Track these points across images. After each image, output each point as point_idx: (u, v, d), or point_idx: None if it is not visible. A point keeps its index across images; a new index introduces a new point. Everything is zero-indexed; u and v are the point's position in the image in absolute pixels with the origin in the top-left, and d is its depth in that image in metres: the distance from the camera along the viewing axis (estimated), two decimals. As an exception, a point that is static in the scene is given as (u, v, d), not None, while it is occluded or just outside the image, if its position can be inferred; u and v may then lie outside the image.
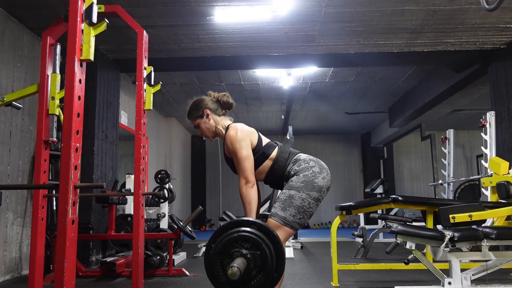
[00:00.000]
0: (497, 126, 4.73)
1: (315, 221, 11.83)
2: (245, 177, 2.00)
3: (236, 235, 1.68)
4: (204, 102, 2.20)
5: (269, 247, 1.67)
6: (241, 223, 1.74)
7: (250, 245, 1.67)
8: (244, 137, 2.06)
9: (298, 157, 2.11)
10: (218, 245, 1.69)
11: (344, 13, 4.13)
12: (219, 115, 2.21)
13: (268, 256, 1.66)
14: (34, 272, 1.74)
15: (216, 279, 1.71)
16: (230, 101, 2.24)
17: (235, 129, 2.09)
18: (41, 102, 1.79)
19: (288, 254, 5.11)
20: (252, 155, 2.05)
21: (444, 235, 2.51)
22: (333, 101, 8.29)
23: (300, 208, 1.97)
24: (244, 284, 1.68)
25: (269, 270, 1.66)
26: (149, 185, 6.22)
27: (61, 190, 1.23)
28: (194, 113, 2.21)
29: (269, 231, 1.71)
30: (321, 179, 2.02)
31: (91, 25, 1.34)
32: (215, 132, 2.22)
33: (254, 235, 1.68)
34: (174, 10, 4.00)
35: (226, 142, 2.11)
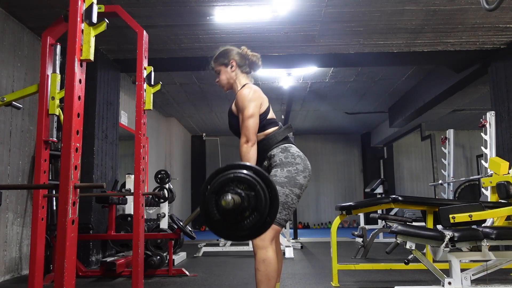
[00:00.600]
0: (497, 126, 4.73)
1: (315, 221, 11.83)
2: (246, 135, 2.01)
3: (232, 175, 1.69)
4: (234, 52, 2.23)
5: (263, 190, 1.69)
6: (237, 166, 1.76)
7: (245, 186, 1.69)
8: (256, 98, 2.08)
9: (289, 147, 2.09)
10: (214, 184, 1.71)
11: (344, 13, 4.13)
12: (242, 71, 2.23)
13: (262, 198, 1.67)
14: (34, 272, 1.73)
15: (210, 218, 1.71)
16: (259, 63, 2.27)
17: (250, 88, 2.12)
18: (41, 102, 1.79)
19: (288, 254, 5.11)
20: (258, 116, 2.06)
21: (444, 235, 2.51)
22: (333, 101, 8.29)
23: (285, 204, 1.98)
24: (237, 223, 1.69)
25: (262, 211, 1.68)
26: (149, 185, 6.22)
27: (61, 190, 1.23)
28: (220, 59, 2.23)
29: (265, 176, 1.73)
30: (303, 178, 2.04)
31: (91, 25, 1.34)
32: (231, 85, 2.23)
33: (249, 177, 1.69)
34: (174, 10, 4.00)
35: (237, 98, 2.12)
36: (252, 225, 1.69)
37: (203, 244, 5.52)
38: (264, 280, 1.89)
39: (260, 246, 1.93)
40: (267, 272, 1.89)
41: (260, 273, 1.90)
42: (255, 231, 1.73)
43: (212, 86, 7.02)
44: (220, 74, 2.24)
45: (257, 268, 1.91)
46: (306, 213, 11.76)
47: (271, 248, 1.93)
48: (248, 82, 2.22)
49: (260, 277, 1.90)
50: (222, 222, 1.70)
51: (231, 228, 1.72)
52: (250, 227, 1.69)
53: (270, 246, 1.93)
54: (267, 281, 1.89)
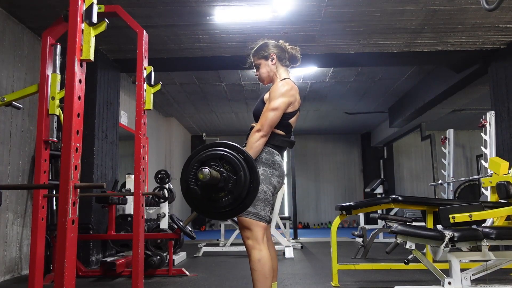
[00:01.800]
0: (497, 126, 4.73)
1: (315, 221, 11.83)
2: (262, 124, 1.98)
3: (222, 153, 1.70)
4: (273, 45, 2.21)
5: (246, 177, 1.69)
6: (231, 147, 1.76)
7: (230, 168, 1.69)
8: (290, 96, 2.05)
9: (275, 155, 2.06)
10: (202, 155, 1.71)
11: (344, 13, 4.13)
12: (282, 64, 2.21)
13: (242, 184, 1.68)
14: (34, 272, 1.73)
15: (186, 185, 1.73)
16: (298, 56, 2.24)
17: (289, 84, 2.09)
18: (41, 102, 1.79)
19: (288, 254, 5.11)
20: (282, 112, 2.02)
21: (444, 235, 2.51)
22: (333, 101, 8.29)
23: (266, 201, 1.98)
24: (211, 200, 1.71)
25: (238, 196, 1.68)
26: (149, 185, 6.22)
27: (61, 190, 1.23)
28: (260, 52, 2.20)
29: (253, 165, 1.74)
30: (276, 181, 2.04)
31: (91, 25, 1.34)
32: (271, 78, 2.21)
33: (237, 160, 1.69)
34: (174, 10, 4.00)
35: (273, 87, 2.09)
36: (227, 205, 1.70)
37: (203, 244, 5.52)
38: (261, 279, 1.89)
39: (253, 246, 1.93)
40: (263, 271, 1.89)
41: (256, 273, 1.90)
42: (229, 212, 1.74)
43: (212, 86, 7.02)
44: (260, 68, 2.21)
45: (253, 268, 1.91)
46: (306, 213, 11.76)
47: (264, 247, 1.93)
48: (288, 77, 2.18)
49: (256, 276, 1.90)
50: (198, 194, 1.71)
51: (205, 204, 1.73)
52: (224, 206, 1.70)
53: (262, 245, 1.93)
54: (264, 280, 1.89)
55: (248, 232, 1.95)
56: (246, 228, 1.96)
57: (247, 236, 1.96)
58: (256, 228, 1.94)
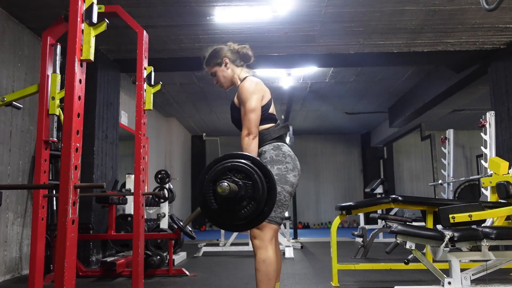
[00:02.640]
0: (497, 126, 4.73)
1: (315, 221, 11.83)
2: (248, 128, 2.00)
3: (230, 164, 1.70)
4: (223, 50, 2.21)
5: (261, 179, 1.69)
6: (235, 156, 1.75)
7: (243, 175, 1.69)
8: (258, 91, 2.07)
9: (281, 146, 2.08)
10: (212, 173, 1.71)
11: (344, 13, 4.13)
12: (237, 65, 2.21)
13: (259, 187, 1.67)
14: (34, 272, 1.73)
15: (207, 206, 1.71)
16: (250, 53, 2.24)
17: (251, 81, 2.10)
18: (41, 102, 1.79)
19: (288, 254, 5.11)
20: (260, 109, 2.05)
21: (444, 235, 2.51)
22: (333, 101, 8.29)
23: (278, 202, 1.97)
24: (233, 212, 1.69)
25: (259, 200, 1.67)
26: (149, 185, 6.22)
27: (61, 190, 1.23)
28: (213, 60, 2.20)
29: (263, 165, 1.73)
30: (293, 176, 2.03)
31: (91, 25, 1.34)
32: (231, 81, 2.22)
33: (247, 165, 1.69)
34: (174, 10, 4.00)
35: (239, 90, 2.10)
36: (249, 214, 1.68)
37: (203, 244, 5.52)
38: (264, 279, 1.89)
39: (259, 246, 1.93)
40: (268, 272, 1.89)
41: (260, 273, 1.90)
42: (252, 221, 1.72)
43: (212, 86, 7.02)
44: (217, 75, 2.22)
45: (257, 268, 1.91)
46: (306, 213, 11.76)
47: (271, 247, 1.93)
48: (247, 75, 2.20)
49: (260, 277, 1.90)
50: (219, 211, 1.70)
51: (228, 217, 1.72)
52: (247, 216, 1.68)
53: (269, 245, 1.93)
54: (267, 281, 1.89)
55: (257, 231, 1.95)
56: (258, 229, 1.96)
57: (255, 236, 1.96)
58: (265, 229, 1.94)
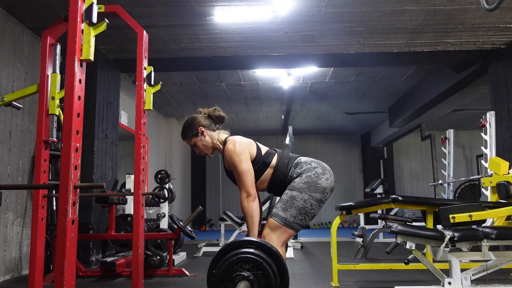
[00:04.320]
0: (497, 126, 4.73)
1: (315, 221, 11.82)
2: (246, 191, 2.00)
3: (235, 258, 1.65)
4: (196, 120, 2.20)
5: (270, 265, 1.65)
6: (239, 245, 1.72)
7: (251, 265, 1.65)
8: (243, 150, 2.05)
9: (298, 160, 2.10)
10: (219, 271, 1.66)
11: (344, 13, 4.13)
12: (213, 130, 2.21)
13: (270, 274, 1.63)
14: (34, 272, 1.73)
15: None
16: (222, 114, 2.24)
17: (233, 142, 2.08)
18: (41, 102, 1.79)
19: (288, 254, 5.11)
20: (252, 168, 2.04)
21: (444, 235, 2.51)
22: (333, 101, 8.29)
23: (302, 209, 1.96)
24: None
25: (273, 286, 1.64)
26: (149, 185, 6.22)
27: (61, 190, 1.23)
28: (188, 133, 2.20)
29: (268, 248, 1.69)
30: (325, 180, 2.01)
31: (91, 25, 1.34)
32: (213, 148, 2.21)
33: (253, 255, 1.65)
34: (174, 10, 4.00)
35: (225, 156, 2.09)
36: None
37: (203, 244, 5.52)
38: None
39: None
40: None
41: None
42: None
43: (212, 86, 7.02)
44: (197, 146, 2.21)
45: None
46: (306, 213, 11.74)
47: (281, 251, 1.93)
48: (225, 135, 2.20)
49: None
50: None
51: None
52: None
53: (280, 249, 1.93)
54: None
55: (267, 230, 1.96)
56: (268, 227, 1.96)
57: (263, 235, 1.97)
58: (277, 231, 1.94)
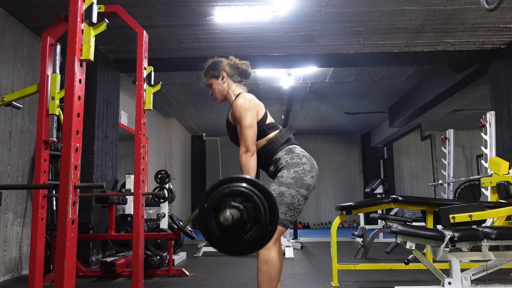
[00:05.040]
0: (497, 126, 4.73)
1: (315, 221, 11.83)
2: (246, 145, 2.00)
3: (227, 190, 1.69)
4: (222, 64, 2.20)
5: (261, 200, 1.68)
6: (231, 180, 1.75)
7: (242, 198, 1.68)
8: (252, 107, 2.07)
9: (293, 148, 2.08)
10: (211, 202, 1.70)
11: (344, 13, 4.13)
12: (234, 81, 2.21)
13: (261, 208, 1.66)
14: (34, 272, 1.73)
15: (211, 235, 1.70)
16: (248, 71, 2.24)
17: (244, 97, 2.10)
18: (41, 102, 1.79)
19: (288, 254, 5.11)
20: (256, 125, 2.05)
21: (444, 235, 2.51)
22: (333, 101, 8.29)
23: (291, 205, 1.97)
24: (238, 237, 1.68)
25: (263, 221, 1.66)
26: (149, 185, 6.22)
27: (61, 190, 1.23)
28: (210, 72, 2.21)
29: (260, 185, 1.72)
30: (310, 178, 2.02)
31: (91, 25, 1.33)
32: (225, 96, 2.22)
33: (245, 188, 1.69)
34: (174, 10, 4.00)
35: (232, 108, 2.10)
36: (254, 237, 1.67)
37: (203, 244, 5.52)
38: (266, 280, 1.89)
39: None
40: (270, 273, 1.89)
41: (262, 274, 1.90)
42: (258, 243, 1.70)
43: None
44: (212, 87, 2.22)
45: (260, 268, 1.91)
46: (306, 213, 11.76)
47: (274, 248, 1.93)
48: (241, 91, 2.20)
49: (262, 277, 1.90)
50: (223, 238, 1.68)
51: (233, 243, 1.70)
52: (252, 240, 1.67)
53: (273, 246, 1.93)
54: (269, 282, 1.89)
55: None
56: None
57: None
58: None
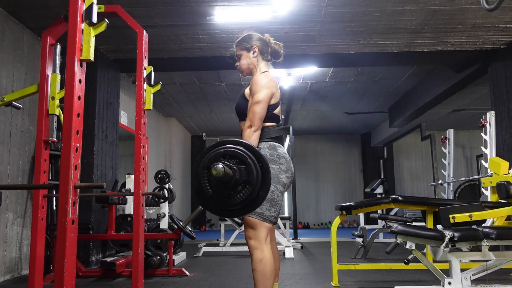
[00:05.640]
0: (497, 126, 4.73)
1: (315, 221, 11.83)
2: (252, 119, 1.99)
3: (223, 150, 1.72)
4: (256, 38, 2.21)
5: (254, 163, 1.70)
6: (228, 142, 1.77)
7: (236, 160, 1.70)
8: (270, 87, 2.07)
9: (277, 147, 2.07)
10: (205, 160, 1.72)
11: (344, 13, 4.13)
12: (263, 58, 2.21)
13: (253, 170, 1.68)
14: (34, 272, 1.73)
15: (202, 193, 1.72)
16: (280, 52, 2.24)
17: (268, 76, 2.10)
18: (41, 102, 1.79)
19: (288, 254, 5.11)
20: (267, 104, 2.04)
21: (444, 235, 2.51)
22: (333, 101, 8.29)
23: (272, 201, 1.98)
24: (229, 197, 1.69)
25: (254, 183, 1.68)
26: (149, 185, 6.22)
27: (61, 190, 1.23)
28: (243, 44, 2.21)
29: (255, 150, 1.74)
30: (285, 177, 2.03)
31: (91, 25, 1.33)
32: (251, 71, 2.22)
33: (240, 151, 1.71)
34: (174, 10, 4.00)
35: (252, 81, 2.10)
36: (245, 199, 1.69)
37: (203, 244, 5.52)
38: (262, 279, 1.89)
39: (255, 247, 1.93)
40: (265, 272, 1.89)
41: (257, 273, 1.90)
42: (247, 206, 1.72)
43: (212, 86, 7.02)
44: (241, 59, 2.22)
45: (254, 268, 1.91)
46: (306, 213, 11.76)
47: (266, 247, 1.93)
48: (267, 70, 2.19)
49: (257, 277, 1.90)
50: (214, 197, 1.70)
51: (223, 203, 1.72)
52: (242, 201, 1.69)
53: (265, 245, 1.93)
54: (265, 281, 1.89)
55: (251, 232, 1.95)
56: (250, 227, 1.96)
57: (250, 236, 1.96)
58: (260, 228, 1.94)
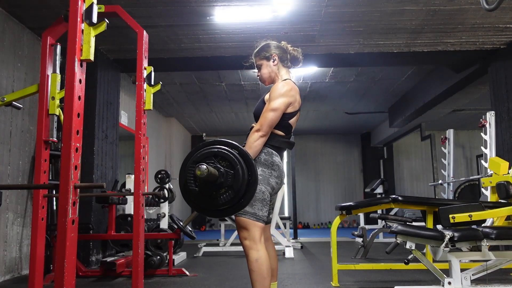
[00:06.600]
0: (497, 126, 4.73)
1: (315, 221, 11.83)
2: (262, 124, 1.98)
3: (216, 150, 1.71)
4: (274, 46, 2.21)
5: (243, 171, 1.69)
6: (224, 143, 1.76)
7: (227, 163, 1.69)
8: (290, 96, 2.05)
9: (274, 156, 2.05)
10: (197, 155, 1.71)
11: (344, 13, 4.13)
12: (284, 65, 2.22)
13: (240, 178, 1.68)
14: (34, 272, 1.73)
15: (186, 187, 1.73)
16: (299, 57, 2.26)
17: (290, 85, 2.09)
18: (41, 102, 1.79)
19: (288, 254, 5.11)
20: (281, 112, 2.02)
21: (444, 235, 2.51)
22: (333, 101, 8.29)
23: (263, 201, 1.98)
24: (211, 198, 1.70)
25: (237, 190, 1.68)
26: (149, 185, 6.22)
27: (61, 190, 1.23)
28: (262, 53, 2.21)
29: (249, 158, 1.74)
30: (275, 182, 2.03)
31: (91, 25, 1.33)
32: (273, 79, 2.22)
33: (233, 155, 1.70)
34: (174, 10, 4.00)
35: (273, 87, 2.09)
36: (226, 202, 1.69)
37: (203, 244, 5.52)
38: (259, 279, 1.89)
39: (250, 247, 1.93)
40: (261, 271, 1.89)
41: (254, 273, 1.90)
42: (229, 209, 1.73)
43: (212, 86, 7.02)
44: (261, 68, 2.22)
45: (251, 268, 1.92)
46: (306, 213, 11.76)
47: (261, 247, 1.93)
48: (289, 78, 2.19)
49: (254, 276, 1.90)
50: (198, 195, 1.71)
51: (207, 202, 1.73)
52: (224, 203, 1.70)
53: (260, 245, 1.93)
54: (262, 280, 1.89)
55: (245, 232, 1.95)
56: (243, 228, 1.96)
57: (244, 237, 1.96)
58: (253, 228, 1.94)
